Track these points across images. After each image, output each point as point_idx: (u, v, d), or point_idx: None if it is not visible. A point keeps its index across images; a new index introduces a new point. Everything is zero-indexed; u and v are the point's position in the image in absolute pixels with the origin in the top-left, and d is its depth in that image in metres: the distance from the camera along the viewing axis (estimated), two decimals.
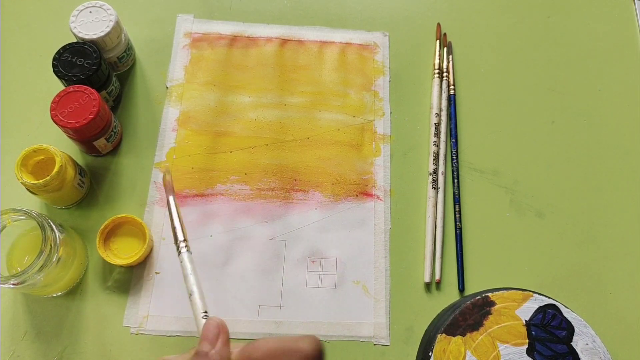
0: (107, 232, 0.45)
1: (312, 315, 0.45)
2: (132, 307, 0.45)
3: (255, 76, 0.54)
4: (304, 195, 0.49)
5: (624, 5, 0.60)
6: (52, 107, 0.44)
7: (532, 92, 0.55)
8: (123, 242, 0.45)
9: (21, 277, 0.38)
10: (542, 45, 0.58)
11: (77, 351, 0.43)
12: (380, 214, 0.49)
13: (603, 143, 0.53)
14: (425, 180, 0.51)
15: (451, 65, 0.55)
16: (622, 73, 0.57)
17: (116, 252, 0.45)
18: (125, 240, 0.45)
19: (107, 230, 0.45)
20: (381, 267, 0.47)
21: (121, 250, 0.45)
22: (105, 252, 0.44)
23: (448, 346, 0.41)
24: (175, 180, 0.49)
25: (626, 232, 0.50)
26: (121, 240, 0.45)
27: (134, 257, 0.44)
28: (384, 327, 0.45)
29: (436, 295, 0.47)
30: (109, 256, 0.44)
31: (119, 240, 0.45)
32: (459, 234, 0.49)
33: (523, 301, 0.43)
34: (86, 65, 0.46)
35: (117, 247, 0.45)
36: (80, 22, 0.48)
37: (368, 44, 0.56)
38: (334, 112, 0.53)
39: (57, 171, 0.42)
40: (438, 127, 0.52)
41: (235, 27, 0.56)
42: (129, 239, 0.45)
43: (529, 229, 0.50)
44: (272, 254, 0.47)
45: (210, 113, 0.52)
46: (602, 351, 0.42)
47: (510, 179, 0.51)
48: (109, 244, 0.45)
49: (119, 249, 0.45)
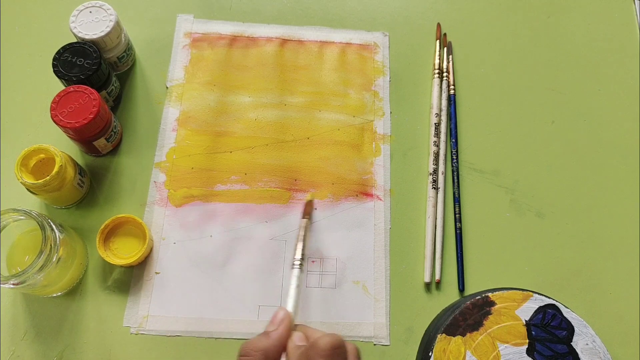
0: (107, 232, 0.45)
1: (312, 315, 0.45)
2: (132, 307, 0.45)
3: (255, 76, 0.54)
4: (304, 195, 0.49)
5: (624, 5, 0.60)
6: (52, 107, 0.44)
7: (532, 92, 0.55)
8: (123, 242, 0.45)
9: (21, 277, 0.38)
10: (542, 45, 0.58)
11: (77, 351, 0.43)
12: (380, 214, 0.49)
13: (603, 143, 0.53)
14: (425, 180, 0.51)
15: (451, 65, 0.55)
16: (622, 73, 0.57)
17: (116, 252, 0.45)
18: (125, 240, 0.45)
19: (107, 230, 0.45)
20: (381, 267, 0.47)
21: (121, 250, 0.45)
22: (105, 252, 0.44)
23: (448, 346, 0.41)
24: (175, 180, 0.49)
25: (626, 232, 0.50)
26: (121, 240, 0.45)
27: (134, 257, 0.44)
28: (384, 327, 0.45)
29: (436, 295, 0.47)
30: (108, 256, 0.44)
31: (119, 240, 0.45)
32: (459, 234, 0.49)
33: (523, 301, 0.43)
34: (86, 65, 0.46)
35: (117, 247, 0.45)
36: (80, 22, 0.48)
37: (368, 44, 0.56)
38: (334, 112, 0.53)
39: (57, 171, 0.42)
40: (438, 127, 0.52)
41: (235, 27, 0.56)
42: (129, 239, 0.46)
43: (529, 229, 0.50)
44: (272, 254, 0.47)
45: (210, 113, 0.52)
46: (602, 351, 0.42)
47: (510, 179, 0.51)
48: (108, 244, 0.45)
49: (118, 249, 0.45)
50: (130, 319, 0.44)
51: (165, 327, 0.44)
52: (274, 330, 0.33)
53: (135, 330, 0.44)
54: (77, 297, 0.45)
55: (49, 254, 0.39)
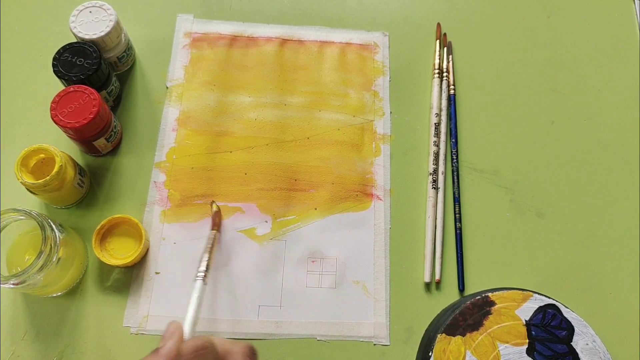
0: (104, 233, 0.45)
1: (312, 315, 0.45)
2: (132, 307, 0.45)
3: (255, 76, 0.54)
4: (304, 195, 0.49)
5: (624, 5, 0.60)
6: (52, 107, 0.44)
7: (532, 92, 0.55)
8: (119, 243, 0.45)
9: (21, 277, 0.38)
10: (542, 45, 0.58)
11: (77, 351, 0.43)
12: (380, 213, 0.49)
13: (603, 143, 0.53)
14: (425, 180, 0.51)
15: (451, 65, 0.55)
16: (622, 73, 0.57)
17: (112, 252, 0.45)
18: (121, 241, 0.45)
19: (104, 231, 0.45)
20: (381, 267, 0.47)
21: (117, 251, 0.45)
22: (102, 252, 0.44)
23: (448, 346, 0.41)
24: (175, 180, 0.49)
25: (626, 232, 0.50)
26: (117, 240, 0.45)
27: (130, 257, 0.44)
28: (384, 327, 0.45)
29: (436, 295, 0.47)
30: (104, 256, 0.44)
31: (115, 240, 0.45)
32: (459, 234, 0.49)
33: (523, 301, 0.43)
34: (86, 65, 0.46)
35: (113, 247, 0.45)
36: (80, 22, 0.48)
37: (368, 44, 0.56)
38: (334, 112, 0.53)
39: (57, 171, 0.42)
40: (438, 127, 0.52)
41: (235, 27, 0.56)
42: (125, 239, 0.45)
43: (529, 229, 0.50)
44: (272, 254, 0.47)
45: (210, 113, 0.52)
46: (602, 351, 0.42)
47: (510, 179, 0.51)
48: (105, 244, 0.45)
49: (115, 249, 0.45)
50: (130, 319, 0.44)
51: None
52: (162, 346, 0.32)
53: (135, 330, 0.44)
54: (77, 297, 0.45)
55: (49, 254, 0.39)
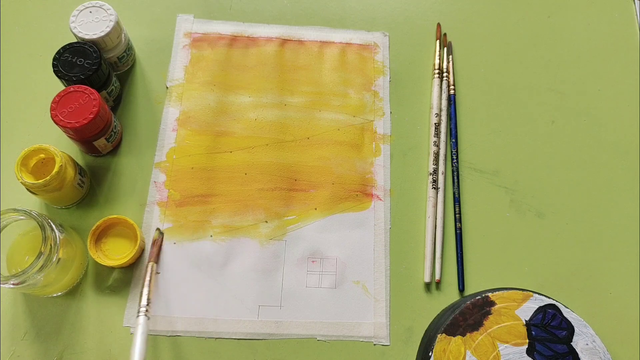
0: (99, 233, 0.45)
1: (312, 315, 0.45)
2: (132, 307, 0.45)
3: (255, 76, 0.54)
4: (304, 195, 0.49)
5: (624, 5, 0.60)
6: (52, 107, 0.44)
7: (532, 92, 0.55)
8: (114, 243, 0.45)
9: (21, 277, 0.38)
10: (542, 45, 0.58)
11: (77, 351, 0.43)
12: (380, 214, 0.49)
13: (603, 143, 0.53)
14: (425, 180, 0.51)
15: (451, 65, 0.55)
16: (622, 73, 0.57)
17: (107, 253, 0.45)
18: (116, 241, 0.45)
19: (99, 232, 0.45)
20: (381, 267, 0.47)
21: (112, 251, 0.45)
22: (97, 252, 0.44)
23: (448, 346, 0.41)
24: (175, 181, 0.49)
25: (626, 232, 0.50)
26: (113, 241, 0.45)
27: (125, 258, 0.44)
28: (384, 327, 0.45)
29: (436, 295, 0.47)
30: (100, 257, 0.44)
31: (110, 241, 0.45)
32: (459, 234, 0.49)
33: (523, 301, 0.43)
34: (86, 65, 0.46)
35: (108, 248, 0.45)
36: (80, 22, 0.48)
37: (368, 44, 0.56)
38: (334, 112, 0.53)
39: (57, 171, 0.42)
40: (438, 127, 0.52)
41: (235, 27, 0.56)
42: (121, 240, 0.45)
43: (529, 229, 0.50)
44: (272, 254, 0.47)
45: (210, 113, 0.52)
46: (602, 351, 0.42)
47: (510, 179, 0.51)
48: (100, 245, 0.45)
49: (110, 250, 0.45)
50: (130, 319, 0.44)
51: (166, 327, 0.44)
52: None
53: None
54: (77, 297, 0.45)
55: (49, 254, 0.39)
